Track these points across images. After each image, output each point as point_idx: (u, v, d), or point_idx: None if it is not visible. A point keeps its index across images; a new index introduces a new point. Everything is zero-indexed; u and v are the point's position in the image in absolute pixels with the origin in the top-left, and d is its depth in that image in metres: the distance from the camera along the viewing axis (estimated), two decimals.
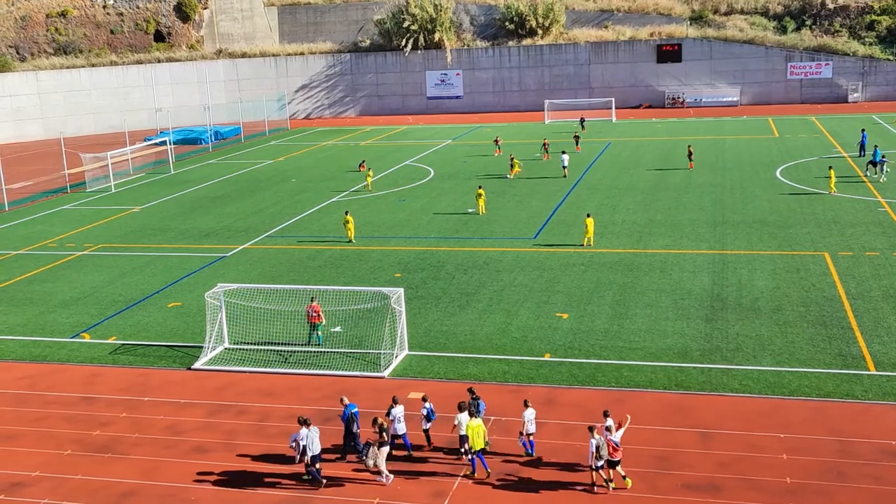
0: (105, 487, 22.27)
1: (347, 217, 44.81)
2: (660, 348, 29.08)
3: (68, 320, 35.27)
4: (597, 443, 20.72)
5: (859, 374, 26.35)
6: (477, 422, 21.72)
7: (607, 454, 20.83)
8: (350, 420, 22.78)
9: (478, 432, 21.58)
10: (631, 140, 75.30)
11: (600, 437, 20.85)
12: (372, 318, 32.83)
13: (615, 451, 20.92)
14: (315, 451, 21.54)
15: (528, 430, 22.51)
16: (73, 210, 57.67)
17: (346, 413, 22.91)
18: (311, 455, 21.55)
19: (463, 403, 22.45)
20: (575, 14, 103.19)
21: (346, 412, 22.93)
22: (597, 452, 20.72)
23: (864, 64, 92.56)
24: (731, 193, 51.88)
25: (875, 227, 42.62)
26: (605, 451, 20.78)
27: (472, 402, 22.97)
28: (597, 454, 20.73)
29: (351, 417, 22.80)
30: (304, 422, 21.73)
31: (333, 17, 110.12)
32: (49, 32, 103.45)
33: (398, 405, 23.04)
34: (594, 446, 20.69)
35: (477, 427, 21.61)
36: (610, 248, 41.20)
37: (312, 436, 21.55)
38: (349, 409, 22.95)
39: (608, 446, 20.84)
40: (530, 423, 22.52)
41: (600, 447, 20.72)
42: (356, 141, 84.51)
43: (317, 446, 21.56)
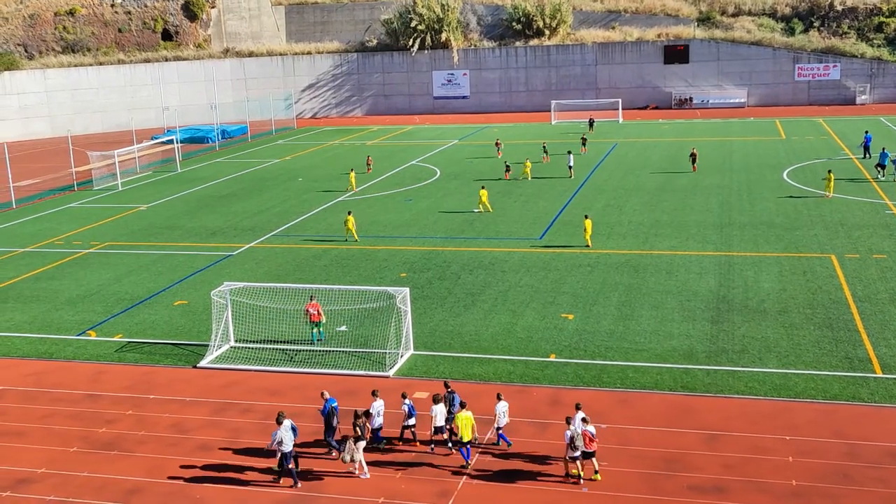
0: (110, 484, 22.32)
1: (349, 217, 44.84)
2: (665, 350, 29.04)
3: (75, 318, 35.35)
4: (571, 433, 21.16)
5: (866, 377, 26.28)
6: (466, 414, 22.17)
7: (583, 445, 21.21)
8: (330, 414, 22.96)
9: (466, 424, 22.02)
10: (637, 141, 75.21)
11: (576, 429, 21.29)
12: (377, 317, 32.84)
13: (591, 442, 21.33)
14: (288, 449, 21.66)
15: (499, 422, 22.91)
16: (79, 208, 57.81)
17: (327, 407, 23.07)
18: (286, 452, 21.67)
19: (437, 395, 22.93)
20: (582, 15, 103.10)
21: (327, 406, 23.09)
22: (571, 443, 21.13)
23: (873, 66, 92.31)
24: (737, 195, 51.78)
25: (882, 230, 42.50)
26: (580, 442, 21.17)
27: (447, 395, 23.31)
28: (571, 445, 21.13)
29: (331, 412, 22.93)
30: (281, 416, 21.89)
31: (340, 16, 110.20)
32: (57, 31, 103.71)
33: (378, 399, 23.34)
34: (569, 437, 21.14)
35: (466, 419, 22.06)
36: (616, 249, 41.16)
37: (283, 434, 21.62)
38: (329, 404, 23.11)
39: (584, 437, 21.24)
40: (502, 416, 22.92)
41: (575, 438, 21.13)
42: (363, 140, 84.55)
43: (289, 444, 21.65)
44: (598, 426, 23.74)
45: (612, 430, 23.79)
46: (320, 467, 22.65)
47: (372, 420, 23.05)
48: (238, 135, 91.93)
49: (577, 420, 21.75)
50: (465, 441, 22.17)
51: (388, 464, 22.69)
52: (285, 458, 21.71)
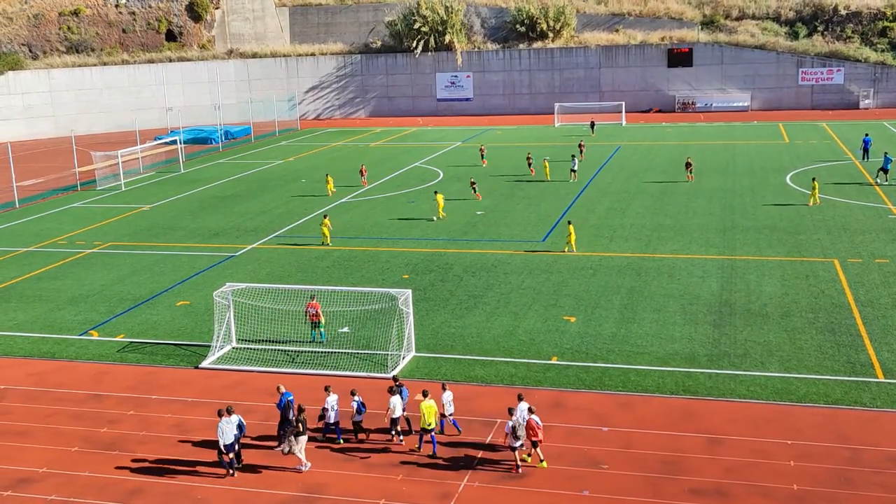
0: (112, 485, 22.34)
1: (325, 220, 44.84)
2: (667, 353, 29.02)
3: (77, 318, 35.39)
4: (513, 423, 21.75)
5: (868, 382, 26.26)
6: (430, 402, 23.05)
7: (525, 435, 21.85)
8: (286, 408, 23.14)
9: (430, 412, 22.91)
10: (641, 144, 75.20)
11: (518, 419, 21.89)
12: (380, 319, 32.86)
13: (536, 432, 21.91)
14: (227, 441, 22.23)
15: (446, 410, 23.86)
16: (83, 208, 57.89)
17: (283, 401, 23.41)
18: (226, 444, 22.26)
19: (393, 388, 23.83)
20: (586, 17, 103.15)
21: (283, 400, 23.45)
22: (513, 432, 21.70)
23: (876, 70, 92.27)
24: (740, 198, 51.77)
25: (885, 235, 42.47)
26: (521, 432, 21.81)
27: (396, 387, 24.10)
28: (513, 434, 21.69)
29: (287, 405, 23.18)
30: (228, 410, 22.62)
31: (344, 18, 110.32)
32: (61, 31, 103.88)
33: (332, 394, 24.02)
34: (510, 427, 21.75)
35: (430, 407, 22.98)
36: (618, 252, 41.15)
37: (223, 426, 22.23)
38: (285, 398, 23.49)
39: (530, 426, 21.86)
40: (449, 405, 23.92)
41: (517, 428, 21.73)
42: (366, 142, 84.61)
43: (229, 436, 22.23)
44: (600, 428, 23.79)
45: (614, 433, 23.79)
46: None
47: (327, 415, 23.88)
48: (241, 136, 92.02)
49: (519, 410, 22.36)
50: (429, 429, 22.98)
51: (389, 465, 22.70)
52: (225, 448, 22.34)
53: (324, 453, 23.48)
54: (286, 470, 22.66)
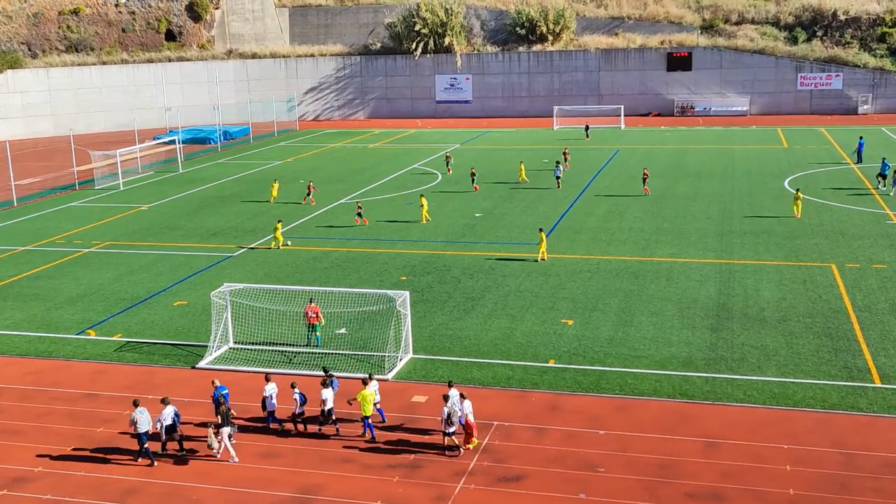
0: (107, 484, 22.31)
1: (277, 225, 44.80)
2: (664, 356, 29.02)
3: (74, 317, 35.35)
4: (449, 410, 22.74)
5: (864, 387, 26.27)
6: (369, 391, 23.99)
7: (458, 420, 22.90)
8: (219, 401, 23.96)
9: (368, 400, 23.85)
10: (639, 148, 75.23)
11: (452, 406, 22.88)
12: (377, 320, 32.84)
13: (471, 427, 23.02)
14: (143, 429, 23.10)
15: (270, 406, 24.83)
16: (81, 207, 57.84)
17: (216, 394, 24.24)
18: (140, 432, 23.13)
19: (325, 381, 24.63)
20: (585, 21, 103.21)
21: (216, 393, 24.27)
22: (448, 419, 22.72)
23: (875, 76, 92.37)
24: (738, 203, 51.80)
25: (883, 240, 42.50)
26: (455, 419, 22.80)
27: (327, 378, 24.94)
28: (448, 420, 22.72)
29: (220, 399, 23.93)
30: (163, 400, 23.79)
31: (344, 19, 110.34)
32: (61, 30, 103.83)
33: (270, 383, 25.02)
34: (446, 414, 22.72)
35: (370, 395, 23.97)
36: (616, 256, 41.15)
37: (140, 410, 23.21)
38: (219, 391, 24.37)
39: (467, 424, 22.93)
40: (272, 399, 24.81)
41: (451, 414, 22.74)
42: (365, 144, 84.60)
43: (144, 425, 23.13)
44: (597, 432, 23.84)
45: (611, 437, 23.79)
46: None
47: (268, 402, 24.77)
48: (240, 136, 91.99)
49: (452, 397, 23.21)
50: (366, 415, 23.92)
51: (385, 467, 22.68)
52: (139, 438, 23.21)
53: (318, 454, 23.47)
54: (285, 469, 22.65)
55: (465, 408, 23.20)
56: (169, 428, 23.49)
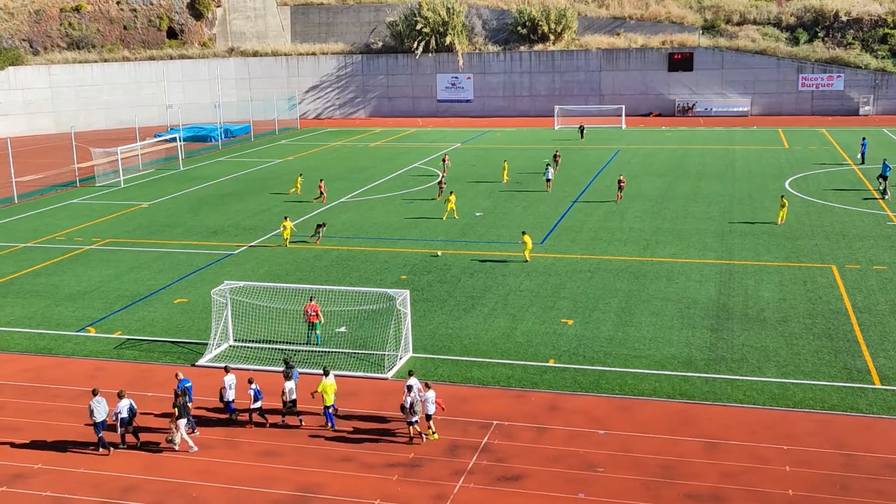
0: (107, 482, 22.31)
1: (285, 222, 44.64)
2: (664, 357, 29.02)
3: (74, 314, 35.35)
4: (412, 400, 23.34)
5: (864, 388, 26.27)
6: (330, 381, 24.48)
7: (421, 410, 23.55)
8: (183, 393, 24.30)
9: (328, 391, 24.35)
10: (640, 148, 75.21)
11: (415, 395, 23.43)
12: (377, 319, 32.84)
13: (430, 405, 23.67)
14: (99, 419, 23.80)
15: (227, 397, 25.22)
16: (81, 204, 57.84)
17: (180, 387, 24.60)
18: (97, 421, 23.82)
19: (287, 373, 25.23)
20: (587, 21, 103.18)
21: (180, 386, 24.62)
22: (411, 408, 23.30)
23: (876, 77, 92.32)
24: (739, 203, 51.78)
25: (883, 241, 42.49)
26: (418, 408, 23.43)
27: (287, 369, 25.45)
28: (411, 410, 23.29)
29: (183, 391, 24.37)
30: (119, 394, 24.19)
31: (346, 17, 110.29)
32: (62, 27, 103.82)
33: (229, 374, 25.45)
34: (409, 403, 23.31)
35: (331, 385, 24.43)
36: (616, 256, 41.14)
37: (98, 399, 23.93)
38: (182, 384, 24.74)
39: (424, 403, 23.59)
40: (230, 390, 25.21)
41: (414, 404, 23.33)
42: (365, 142, 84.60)
43: (100, 414, 23.80)
44: (597, 432, 23.84)
45: (611, 437, 23.79)
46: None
47: (225, 393, 25.23)
48: (241, 134, 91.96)
49: (415, 388, 23.79)
50: (327, 405, 24.50)
51: (385, 466, 22.68)
52: (97, 427, 23.82)
53: (318, 452, 23.47)
54: (285, 467, 22.65)
55: (429, 397, 23.77)
56: (124, 421, 24.01)
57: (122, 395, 24.20)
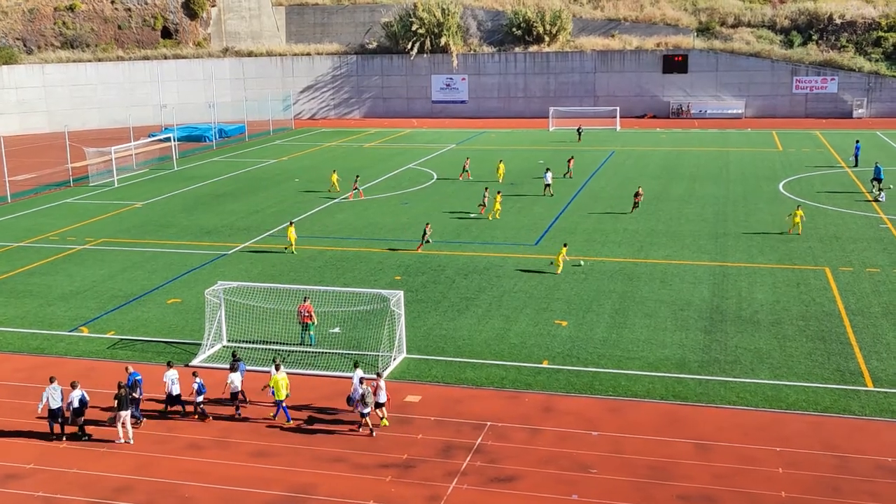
0: (99, 481, 22.26)
1: (290, 227, 43.67)
2: (658, 358, 29.05)
3: (67, 314, 35.27)
4: (363, 391, 23.87)
5: (857, 390, 26.33)
6: (281, 375, 25.10)
7: (373, 400, 24.12)
8: (133, 386, 25.06)
9: (280, 385, 24.92)
10: (635, 149, 75.32)
11: (366, 387, 23.97)
12: (371, 320, 32.82)
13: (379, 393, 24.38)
14: (54, 406, 24.28)
15: (170, 390, 25.71)
16: (75, 204, 57.71)
17: (130, 380, 25.18)
18: (52, 408, 24.31)
19: (234, 365, 25.99)
20: (582, 22, 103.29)
21: (130, 380, 25.22)
22: (362, 400, 23.84)
23: (870, 80, 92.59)
24: (733, 205, 51.88)
25: (876, 244, 42.60)
26: (370, 399, 23.94)
27: (234, 362, 26.21)
28: (363, 402, 23.84)
29: (134, 384, 25.08)
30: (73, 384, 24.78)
31: (340, 18, 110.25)
32: (56, 26, 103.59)
33: (172, 369, 25.97)
34: (360, 395, 23.90)
35: (282, 379, 25.02)
36: (611, 257, 41.18)
37: (53, 387, 24.43)
38: (133, 377, 25.32)
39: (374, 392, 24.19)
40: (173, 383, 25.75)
41: (366, 395, 23.84)
42: (360, 143, 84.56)
43: (55, 402, 24.29)
44: (590, 433, 23.87)
45: (604, 438, 23.81)
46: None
47: (168, 387, 25.75)
48: (235, 134, 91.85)
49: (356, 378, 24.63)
50: (280, 399, 25.05)
51: (378, 467, 22.67)
52: (52, 413, 24.32)
53: (311, 453, 23.45)
54: (278, 468, 22.62)
55: (381, 386, 24.38)
56: (76, 411, 24.40)
57: (75, 385, 24.72)
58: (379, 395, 24.43)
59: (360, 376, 24.83)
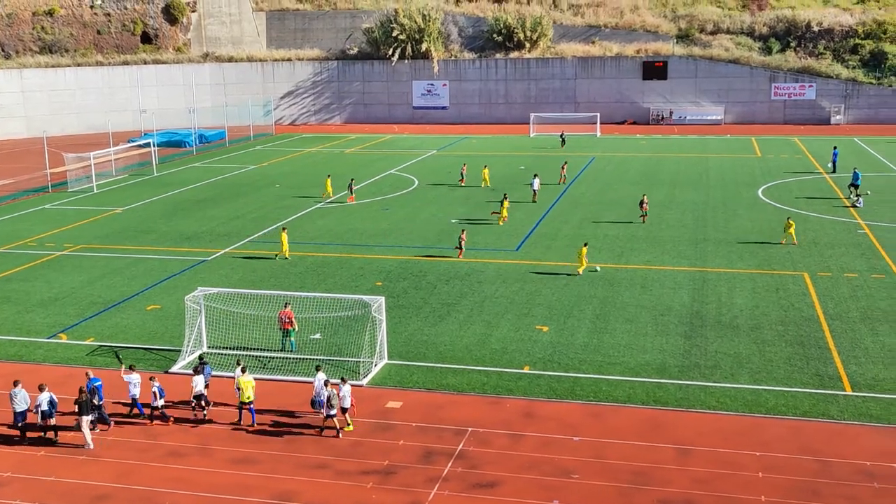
0: (78, 489, 22.08)
1: (283, 233, 43.64)
2: (638, 363, 29.16)
3: (46, 320, 34.98)
4: (328, 394, 24.27)
5: (835, 395, 26.53)
6: (247, 378, 25.38)
7: (338, 403, 24.40)
8: (92, 392, 25.01)
9: (248, 386, 25.25)
10: (615, 155, 75.65)
11: (332, 390, 24.36)
12: (352, 326, 32.76)
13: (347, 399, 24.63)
14: (19, 409, 24.75)
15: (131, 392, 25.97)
16: (53, 209, 57.28)
17: (89, 386, 25.24)
18: (17, 411, 24.75)
19: (197, 367, 26.28)
20: (562, 29, 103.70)
21: (89, 385, 25.26)
22: (328, 402, 24.22)
23: (847, 87, 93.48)
24: (713, 211, 52.20)
25: (854, 249, 42.98)
26: (335, 401, 24.27)
27: (200, 365, 26.58)
28: (328, 404, 24.22)
29: (93, 390, 25.09)
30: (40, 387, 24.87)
31: (321, 24, 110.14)
32: (35, 31, 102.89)
33: (134, 373, 26.41)
34: (325, 397, 24.26)
35: (248, 382, 25.34)
36: (591, 263, 41.29)
37: (17, 390, 24.84)
38: (92, 383, 25.44)
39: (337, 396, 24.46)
40: (134, 387, 25.99)
41: (331, 398, 24.23)
42: (341, 149, 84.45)
43: (19, 405, 24.72)
44: (571, 438, 23.87)
45: (585, 443, 23.86)
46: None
47: (129, 390, 26.07)
48: (216, 140, 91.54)
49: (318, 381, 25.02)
50: (246, 401, 25.30)
51: (360, 473, 22.62)
52: (17, 417, 24.73)
53: (293, 460, 23.36)
54: (260, 475, 22.51)
55: (345, 392, 24.54)
56: (45, 413, 24.48)
57: (42, 388, 24.74)
58: (344, 400, 24.59)
59: (323, 379, 25.16)
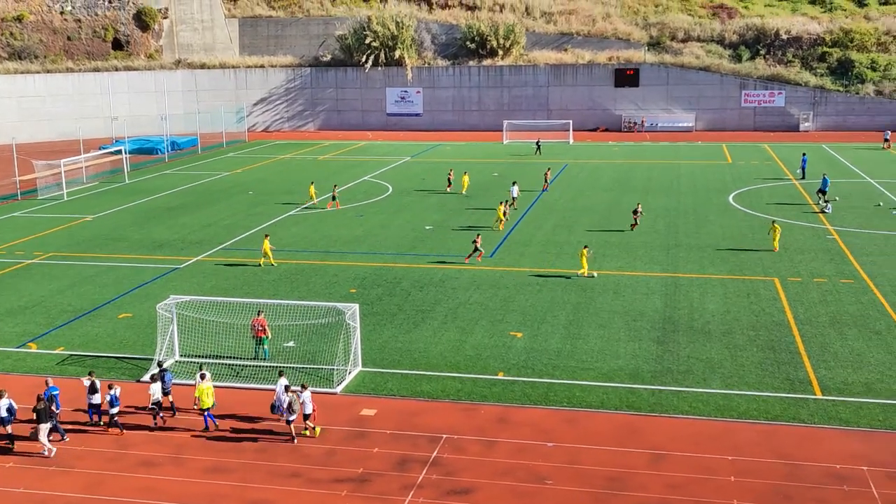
0: (48, 500, 21.83)
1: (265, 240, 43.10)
2: (612, 369, 29.31)
3: (15, 329, 34.58)
4: (289, 399, 24.49)
5: (806, 399, 26.81)
6: (207, 385, 25.49)
7: (298, 409, 24.67)
8: (50, 400, 24.97)
9: (207, 393, 25.36)
10: (588, 162, 76.05)
11: (293, 395, 24.63)
12: (326, 333, 32.66)
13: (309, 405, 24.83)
14: None
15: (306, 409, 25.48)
16: (23, 217, 56.66)
17: (47, 394, 25.27)
18: None
19: (154, 375, 26.40)
20: (535, 36, 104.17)
21: (47, 394, 25.30)
22: (289, 408, 24.45)
23: (816, 94, 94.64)
24: (684, 217, 52.60)
25: (823, 255, 43.47)
26: (296, 406, 24.54)
27: (158, 372, 26.62)
28: (289, 409, 24.44)
29: (51, 398, 25.19)
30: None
31: (294, 30, 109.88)
32: (3, 37, 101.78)
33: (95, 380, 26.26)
34: (287, 402, 24.50)
35: (207, 388, 25.43)
36: (565, 269, 41.47)
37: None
38: (50, 391, 25.61)
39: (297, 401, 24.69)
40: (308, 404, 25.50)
41: (292, 403, 24.46)
42: (314, 155, 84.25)
43: None
44: (545, 444, 23.95)
45: (559, 449, 23.93)
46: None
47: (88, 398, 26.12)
48: (188, 147, 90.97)
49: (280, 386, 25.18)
50: (205, 408, 25.42)
51: (333, 482, 22.54)
52: None
53: (266, 468, 23.23)
54: (233, 484, 22.36)
55: (306, 397, 24.78)
56: (2, 420, 24.65)
57: (1, 394, 24.85)
58: (305, 406, 24.80)
59: (284, 384, 25.28)
